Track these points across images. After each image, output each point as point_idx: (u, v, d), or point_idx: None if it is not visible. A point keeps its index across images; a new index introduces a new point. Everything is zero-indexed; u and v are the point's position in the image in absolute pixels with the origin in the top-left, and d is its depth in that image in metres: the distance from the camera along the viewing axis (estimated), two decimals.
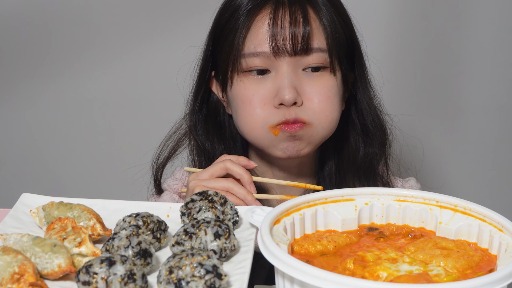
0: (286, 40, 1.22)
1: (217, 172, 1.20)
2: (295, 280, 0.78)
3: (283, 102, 1.23)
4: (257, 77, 1.26)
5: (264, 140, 1.27)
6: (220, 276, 0.80)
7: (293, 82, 1.24)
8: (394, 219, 0.95)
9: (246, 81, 1.27)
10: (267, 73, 1.26)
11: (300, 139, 1.26)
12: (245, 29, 1.25)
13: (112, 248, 0.87)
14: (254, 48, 1.24)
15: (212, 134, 1.36)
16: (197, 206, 0.98)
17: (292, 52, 1.23)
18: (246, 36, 1.25)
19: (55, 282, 0.85)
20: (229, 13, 1.28)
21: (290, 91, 1.22)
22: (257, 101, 1.25)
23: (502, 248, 0.85)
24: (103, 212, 1.00)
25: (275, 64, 1.24)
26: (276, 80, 1.24)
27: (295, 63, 1.24)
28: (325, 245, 0.88)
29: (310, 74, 1.26)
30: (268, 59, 1.24)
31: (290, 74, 1.24)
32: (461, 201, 0.93)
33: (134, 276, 0.80)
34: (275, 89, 1.24)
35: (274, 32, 1.23)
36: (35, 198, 1.04)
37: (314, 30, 1.24)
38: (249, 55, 1.25)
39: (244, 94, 1.27)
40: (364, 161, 1.35)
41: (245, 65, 1.26)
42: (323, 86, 1.26)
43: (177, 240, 0.90)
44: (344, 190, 0.96)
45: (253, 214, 0.95)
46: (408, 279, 0.78)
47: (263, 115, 1.25)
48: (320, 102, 1.25)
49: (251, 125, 1.27)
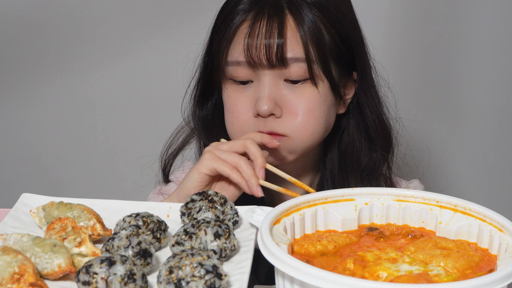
0: (261, 52, 1.22)
1: (236, 147, 1.20)
2: (295, 280, 0.78)
3: (260, 113, 1.24)
4: (240, 86, 1.27)
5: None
6: (220, 276, 0.80)
7: (272, 93, 1.23)
8: (394, 219, 0.95)
9: (230, 89, 1.29)
10: (250, 82, 1.27)
11: (278, 150, 1.27)
12: (228, 39, 1.26)
13: (112, 248, 0.87)
14: (235, 58, 1.26)
15: (216, 133, 1.36)
16: (197, 206, 0.98)
17: (268, 64, 1.23)
18: (230, 46, 1.26)
19: (55, 282, 0.85)
20: (221, 20, 1.29)
21: (267, 103, 1.22)
22: (238, 110, 1.27)
23: (502, 248, 0.85)
24: (103, 212, 1.00)
25: (257, 74, 1.25)
26: (257, 90, 1.25)
27: (275, 74, 1.24)
28: (325, 245, 0.88)
29: (291, 86, 1.25)
30: (249, 69, 1.25)
31: (270, 85, 1.24)
32: (461, 201, 0.93)
33: (134, 276, 0.80)
34: (255, 99, 1.25)
35: (249, 43, 1.23)
36: (35, 198, 1.04)
37: (291, 41, 1.23)
38: (231, 64, 1.26)
39: (228, 102, 1.29)
40: (368, 164, 1.35)
41: (229, 73, 1.27)
42: (304, 99, 1.25)
43: (177, 240, 0.90)
44: (344, 190, 0.96)
45: (253, 214, 0.95)
46: (408, 279, 0.78)
47: (243, 124, 1.27)
48: (300, 116, 1.25)
49: (232, 133, 1.30)
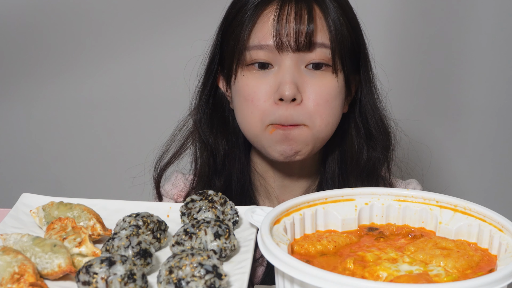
0: (290, 35, 1.24)
1: None
2: (295, 280, 0.78)
3: (283, 98, 1.23)
4: (260, 71, 1.27)
5: (262, 138, 1.27)
6: (220, 276, 0.80)
7: (295, 78, 1.24)
8: (394, 219, 0.95)
9: (249, 75, 1.27)
10: (270, 67, 1.26)
11: (295, 140, 1.26)
12: (251, 22, 1.27)
13: (112, 248, 0.87)
14: (258, 42, 1.26)
15: (216, 128, 1.36)
16: (197, 206, 0.98)
17: (296, 48, 1.24)
18: (252, 30, 1.27)
19: (55, 282, 0.85)
20: (237, 8, 1.30)
21: (291, 87, 1.23)
22: (258, 97, 1.26)
23: (502, 248, 0.85)
24: (103, 212, 1.00)
25: (278, 59, 1.25)
26: (278, 75, 1.25)
27: (298, 59, 1.25)
28: (325, 245, 0.88)
29: (312, 72, 1.26)
30: (271, 53, 1.25)
31: (292, 69, 1.24)
32: (461, 201, 0.93)
33: (134, 276, 0.80)
34: (277, 84, 1.25)
35: (278, 27, 1.24)
36: (35, 198, 1.04)
37: (319, 27, 1.26)
38: (253, 48, 1.26)
39: (246, 90, 1.27)
40: (367, 164, 1.35)
41: (249, 58, 1.27)
42: (324, 88, 1.26)
43: (177, 240, 0.90)
44: (344, 190, 0.96)
45: (253, 214, 0.95)
46: (408, 279, 0.78)
47: (263, 111, 1.26)
48: (318, 105, 1.25)
49: (250, 121, 1.28)
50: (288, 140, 1.26)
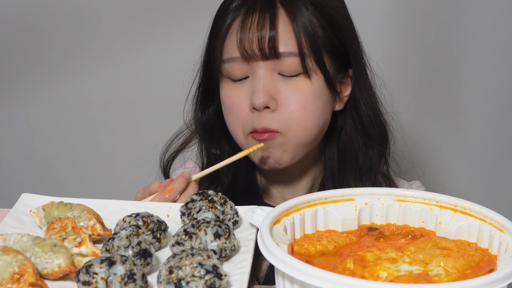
0: (254, 43, 1.23)
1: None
2: (295, 280, 0.78)
3: (255, 106, 1.24)
4: (236, 83, 1.27)
5: (245, 147, 1.28)
6: (220, 276, 0.80)
7: (267, 86, 1.24)
8: (394, 219, 0.95)
9: (228, 86, 1.29)
10: (245, 78, 1.27)
11: (273, 148, 1.27)
12: (221, 35, 1.27)
13: (112, 248, 0.87)
14: (230, 54, 1.26)
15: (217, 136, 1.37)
16: (197, 206, 0.98)
17: (261, 56, 1.23)
18: (224, 43, 1.27)
19: (55, 282, 0.85)
20: (215, 20, 1.31)
21: (262, 95, 1.22)
22: (236, 107, 1.27)
23: (502, 248, 0.85)
24: (103, 212, 1.00)
25: (252, 68, 1.25)
26: (252, 84, 1.25)
27: (269, 67, 1.24)
28: (325, 245, 0.88)
29: (285, 79, 1.25)
30: (241, 64, 1.25)
31: (265, 78, 1.24)
32: (461, 201, 0.93)
33: (134, 276, 0.80)
34: (251, 93, 1.25)
35: (242, 36, 1.24)
36: (35, 198, 1.04)
37: (283, 34, 1.24)
38: (227, 61, 1.27)
39: (226, 100, 1.29)
40: (365, 162, 1.35)
41: (225, 71, 1.28)
42: (298, 93, 1.25)
43: (177, 240, 0.90)
44: (344, 190, 0.96)
45: (253, 214, 0.95)
46: (408, 279, 0.78)
47: (242, 120, 1.27)
48: (293, 111, 1.25)
49: (234, 130, 1.30)
50: (267, 148, 1.26)
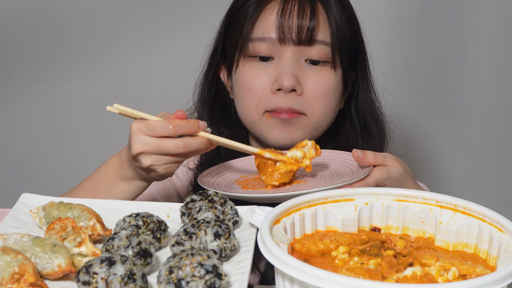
0: (293, 29, 1.28)
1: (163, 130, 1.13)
2: (295, 280, 0.77)
3: (282, 88, 1.28)
4: (261, 63, 1.32)
5: (260, 124, 1.32)
6: (220, 276, 0.80)
7: (294, 70, 1.29)
8: (394, 219, 0.95)
9: (250, 66, 1.32)
10: (271, 60, 1.31)
11: (292, 126, 1.30)
12: (255, 15, 1.32)
13: (112, 248, 0.87)
14: (261, 34, 1.31)
15: (217, 116, 1.40)
16: (197, 206, 0.98)
17: (297, 41, 1.28)
18: (255, 22, 1.32)
19: (55, 282, 0.85)
20: (242, 1, 1.35)
21: (290, 78, 1.27)
22: (256, 86, 1.31)
23: (502, 248, 0.85)
24: (103, 212, 1.00)
25: (279, 51, 1.30)
26: (278, 67, 1.30)
27: (298, 52, 1.29)
28: (327, 245, 0.88)
29: (311, 67, 1.31)
30: (273, 45, 1.30)
31: (293, 62, 1.29)
32: (461, 201, 0.93)
33: (134, 276, 0.80)
34: (276, 75, 1.29)
35: (282, 20, 1.29)
36: (35, 198, 1.04)
37: (320, 23, 1.30)
38: (256, 40, 1.31)
39: (246, 78, 1.33)
40: None
41: (252, 49, 1.32)
42: (323, 81, 1.31)
43: (177, 240, 0.90)
44: (344, 190, 0.96)
45: (253, 214, 0.95)
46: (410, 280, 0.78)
47: (259, 99, 1.31)
48: (317, 97, 1.30)
49: (248, 109, 1.33)
50: (286, 126, 1.30)
